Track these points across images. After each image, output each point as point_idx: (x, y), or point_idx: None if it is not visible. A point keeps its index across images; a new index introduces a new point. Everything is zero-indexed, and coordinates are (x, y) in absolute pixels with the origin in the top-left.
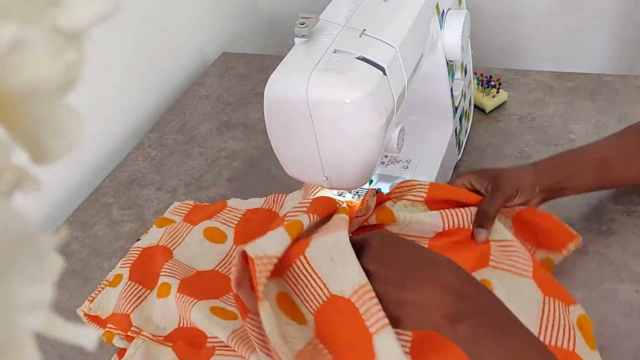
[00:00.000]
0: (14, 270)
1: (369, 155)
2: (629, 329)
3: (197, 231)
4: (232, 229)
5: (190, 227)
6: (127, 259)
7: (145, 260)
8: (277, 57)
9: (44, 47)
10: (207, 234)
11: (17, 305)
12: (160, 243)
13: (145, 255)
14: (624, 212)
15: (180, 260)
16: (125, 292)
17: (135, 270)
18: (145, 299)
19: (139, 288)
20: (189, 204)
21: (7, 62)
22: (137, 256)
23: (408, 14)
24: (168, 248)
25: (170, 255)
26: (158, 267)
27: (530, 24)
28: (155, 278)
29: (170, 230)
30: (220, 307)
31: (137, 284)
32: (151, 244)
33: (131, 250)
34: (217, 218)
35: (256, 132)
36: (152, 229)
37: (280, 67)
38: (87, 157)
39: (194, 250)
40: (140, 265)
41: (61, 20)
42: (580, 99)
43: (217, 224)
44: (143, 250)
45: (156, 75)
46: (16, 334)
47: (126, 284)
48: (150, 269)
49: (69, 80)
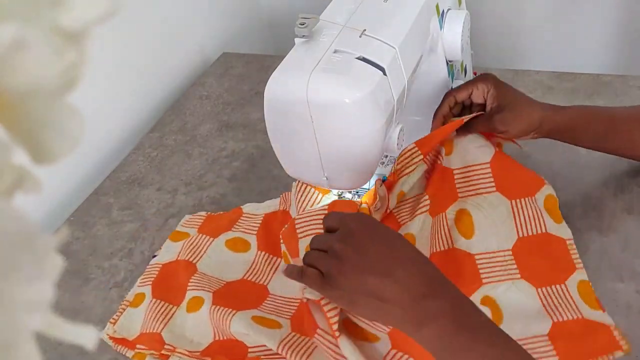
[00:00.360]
0: (14, 270)
1: (369, 155)
2: (629, 329)
3: (218, 243)
4: (253, 236)
5: (210, 239)
6: (146, 277)
7: (168, 277)
8: (277, 57)
9: (44, 47)
10: (230, 245)
11: (18, 305)
12: (180, 258)
13: (166, 271)
14: (624, 210)
15: (206, 273)
16: (151, 311)
17: (158, 287)
18: (174, 316)
19: (165, 305)
20: (201, 215)
21: (7, 62)
22: (157, 273)
23: (408, 14)
24: (191, 262)
25: (194, 269)
26: (182, 282)
27: (530, 24)
28: (180, 293)
29: (188, 245)
30: (260, 316)
31: (163, 301)
32: (170, 259)
33: (149, 267)
34: (237, 228)
35: (256, 132)
36: (167, 244)
37: (281, 67)
38: (87, 157)
39: (218, 261)
40: (163, 282)
41: (61, 20)
42: (579, 99)
43: (238, 233)
44: (163, 266)
45: (156, 75)
46: (16, 333)
47: (150, 302)
48: (174, 284)
49: (69, 81)
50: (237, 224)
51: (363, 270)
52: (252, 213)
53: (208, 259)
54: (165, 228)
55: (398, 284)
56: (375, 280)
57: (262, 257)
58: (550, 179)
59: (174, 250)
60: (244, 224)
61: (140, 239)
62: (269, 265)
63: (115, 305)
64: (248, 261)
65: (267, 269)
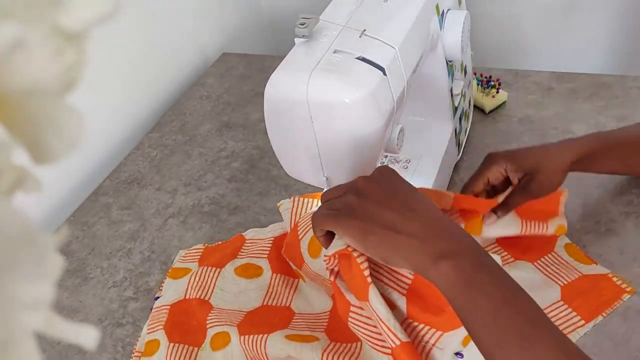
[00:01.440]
0: (14, 270)
1: (369, 155)
2: (628, 331)
3: (227, 273)
4: (265, 259)
5: (216, 270)
6: (154, 321)
7: (180, 318)
8: (277, 57)
9: (45, 48)
10: (240, 272)
11: (17, 304)
12: (189, 296)
13: (176, 311)
14: (623, 213)
15: (222, 308)
16: (172, 357)
17: (173, 330)
18: (198, 356)
19: (186, 348)
20: (199, 249)
21: (7, 62)
22: (167, 315)
23: (408, 14)
24: (203, 300)
25: (209, 306)
26: (200, 320)
27: (530, 24)
28: (199, 333)
29: (194, 280)
30: (294, 334)
31: (182, 344)
32: (178, 298)
33: (155, 310)
34: (243, 254)
35: (256, 132)
36: (168, 282)
37: (281, 68)
38: (87, 157)
39: (232, 292)
40: (177, 324)
41: (61, 21)
42: (579, 99)
43: (247, 259)
44: (171, 306)
45: (156, 76)
46: (16, 333)
47: (168, 347)
48: (190, 325)
49: (69, 81)
50: (243, 250)
51: (382, 203)
52: (257, 238)
53: (221, 292)
54: (164, 228)
55: (417, 219)
56: (393, 213)
57: (279, 280)
58: None
59: (179, 288)
60: (251, 248)
61: (139, 239)
62: (287, 287)
63: (115, 305)
64: (263, 286)
65: (286, 291)
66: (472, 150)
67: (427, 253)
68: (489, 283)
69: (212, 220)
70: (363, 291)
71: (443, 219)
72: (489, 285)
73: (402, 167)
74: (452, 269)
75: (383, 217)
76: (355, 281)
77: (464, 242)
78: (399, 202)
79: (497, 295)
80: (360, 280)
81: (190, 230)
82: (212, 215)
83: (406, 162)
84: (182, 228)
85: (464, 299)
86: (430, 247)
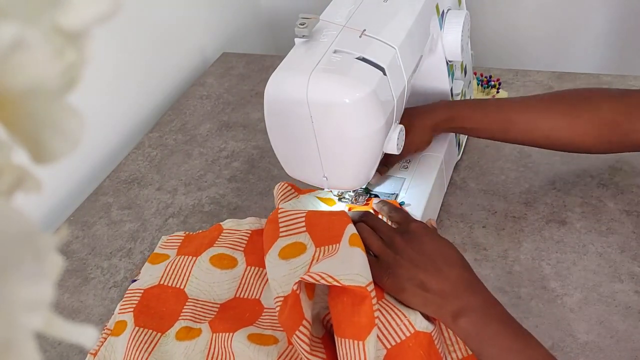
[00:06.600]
0: (14, 270)
1: (369, 155)
2: (628, 329)
3: (202, 261)
4: (240, 252)
5: (192, 259)
6: (126, 303)
7: (151, 303)
8: (277, 57)
9: (45, 47)
10: (215, 262)
11: (18, 304)
12: (164, 282)
13: (149, 296)
14: (623, 211)
15: (197, 298)
16: (134, 340)
17: (140, 314)
18: (159, 343)
19: (149, 333)
20: (179, 236)
21: (7, 62)
22: (139, 299)
23: (408, 14)
24: (178, 288)
25: (185, 297)
26: (172, 309)
27: (530, 24)
28: (166, 321)
29: (170, 268)
30: (257, 333)
31: (147, 329)
32: (152, 284)
33: (129, 292)
34: (220, 244)
35: (256, 132)
36: (146, 267)
37: (281, 67)
38: (87, 157)
39: (206, 282)
40: (146, 309)
41: (61, 20)
42: None
43: (223, 249)
44: (145, 291)
45: (156, 75)
46: (16, 333)
47: (133, 330)
48: (159, 311)
49: (69, 80)
50: (219, 240)
51: (416, 265)
52: (234, 229)
53: (196, 281)
54: (164, 228)
55: (443, 281)
56: (424, 275)
57: (252, 272)
58: (550, 180)
59: (155, 274)
60: (227, 239)
61: (139, 239)
62: (259, 279)
63: (115, 305)
64: (237, 277)
65: (257, 283)
66: (472, 150)
67: (449, 311)
68: (497, 333)
69: (212, 220)
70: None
71: (464, 277)
72: (497, 336)
73: (402, 167)
74: (467, 325)
75: (416, 278)
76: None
77: (480, 297)
78: (431, 263)
79: (505, 345)
80: (365, 318)
81: (190, 230)
82: (212, 215)
83: (406, 162)
84: (182, 228)
85: (478, 350)
86: (451, 304)
